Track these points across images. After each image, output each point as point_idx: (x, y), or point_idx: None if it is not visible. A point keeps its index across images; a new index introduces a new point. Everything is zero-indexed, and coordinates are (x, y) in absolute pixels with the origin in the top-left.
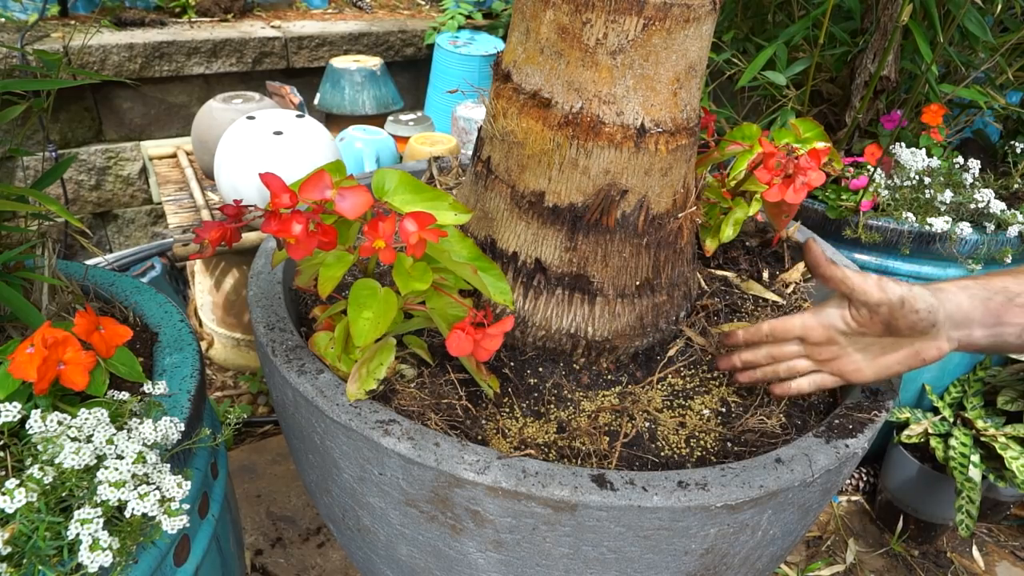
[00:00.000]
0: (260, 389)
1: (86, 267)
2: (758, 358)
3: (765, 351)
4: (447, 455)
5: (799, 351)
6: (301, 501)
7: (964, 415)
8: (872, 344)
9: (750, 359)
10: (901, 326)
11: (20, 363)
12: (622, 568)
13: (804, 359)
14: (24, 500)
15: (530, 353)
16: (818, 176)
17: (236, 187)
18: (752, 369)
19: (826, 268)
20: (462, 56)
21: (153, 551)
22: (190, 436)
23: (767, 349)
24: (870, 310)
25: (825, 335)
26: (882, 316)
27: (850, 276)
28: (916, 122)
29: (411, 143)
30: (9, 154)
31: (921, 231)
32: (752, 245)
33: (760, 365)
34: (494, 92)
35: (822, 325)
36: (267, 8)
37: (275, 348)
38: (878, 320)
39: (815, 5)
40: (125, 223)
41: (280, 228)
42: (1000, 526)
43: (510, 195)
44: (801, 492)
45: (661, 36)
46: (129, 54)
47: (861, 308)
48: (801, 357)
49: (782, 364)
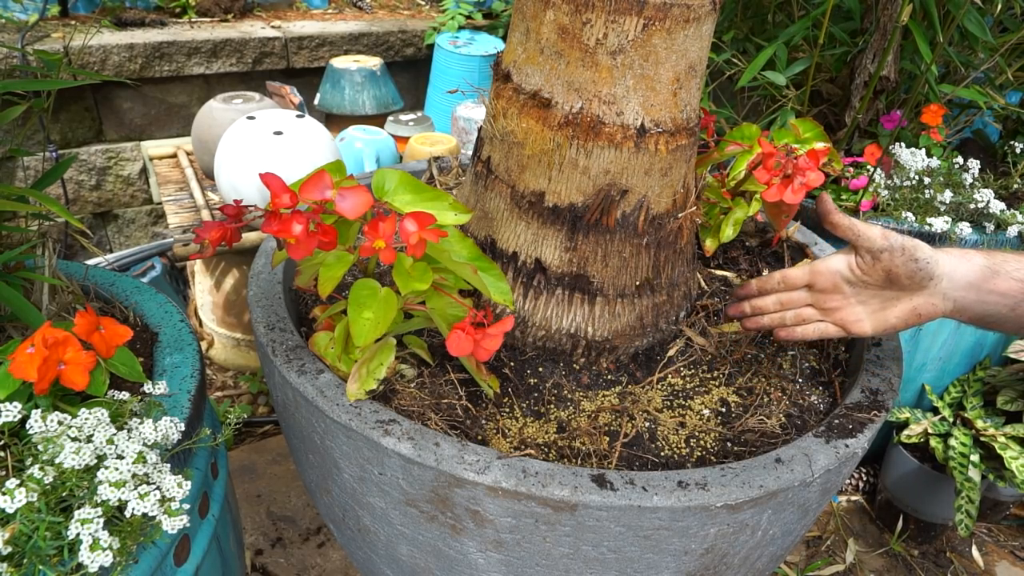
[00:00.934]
0: (260, 389)
1: (86, 267)
2: (767, 304)
3: (774, 298)
4: (447, 455)
5: (806, 298)
6: (301, 501)
7: (964, 415)
8: (874, 297)
9: (760, 305)
10: (901, 274)
11: (20, 363)
12: (622, 568)
13: (810, 307)
14: (24, 500)
15: (530, 353)
16: (817, 176)
17: (236, 187)
18: (760, 316)
19: (835, 216)
20: (462, 56)
21: (153, 551)
22: (190, 436)
23: (776, 296)
24: (873, 256)
25: (831, 281)
26: (884, 263)
27: (856, 223)
28: (916, 122)
29: (411, 143)
30: (9, 154)
31: (921, 231)
32: (752, 245)
33: (768, 312)
34: (494, 92)
35: (828, 271)
36: (267, 8)
37: (275, 348)
38: (880, 268)
39: (815, 5)
40: (125, 223)
41: (280, 228)
42: (1000, 526)
43: (510, 195)
44: (801, 492)
45: (661, 36)
46: (129, 54)
47: (865, 255)
48: (807, 306)
49: (789, 311)
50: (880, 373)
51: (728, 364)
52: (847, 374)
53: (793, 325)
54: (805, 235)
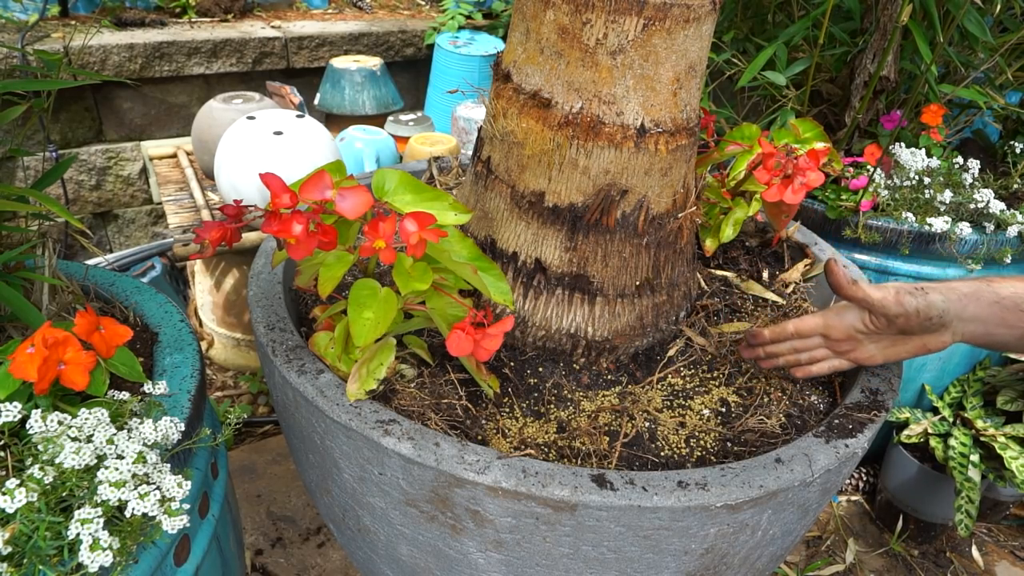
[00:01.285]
0: (260, 389)
1: (86, 267)
2: (781, 350)
3: (788, 345)
4: (447, 455)
5: (820, 344)
6: (301, 501)
7: (964, 415)
8: (884, 337)
9: (774, 351)
10: (915, 329)
11: (20, 363)
12: (622, 568)
13: (823, 349)
14: (24, 500)
15: (530, 353)
16: (817, 176)
17: (236, 187)
18: (775, 358)
19: (848, 290)
20: (462, 56)
21: (153, 551)
22: (190, 436)
23: (790, 344)
24: (888, 320)
25: (845, 334)
26: (899, 325)
27: (871, 295)
28: (916, 122)
29: (411, 143)
30: (9, 154)
31: (921, 231)
32: (752, 245)
33: (783, 355)
34: (494, 92)
35: (842, 326)
36: (267, 8)
37: (275, 348)
38: (895, 326)
39: (815, 5)
40: (125, 223)
41: (280, 228)
42: (999, 526)
43: (510, 195)
44: (801, 492)
45: (661, 36)
46: (129, 54)
47: (880, 317)
48: (820, 347)
49: (804, 354)
50: (880, 373)
51: (728, 364)
52: (847, 374)
53: (808, 364)
54: (805, 235)
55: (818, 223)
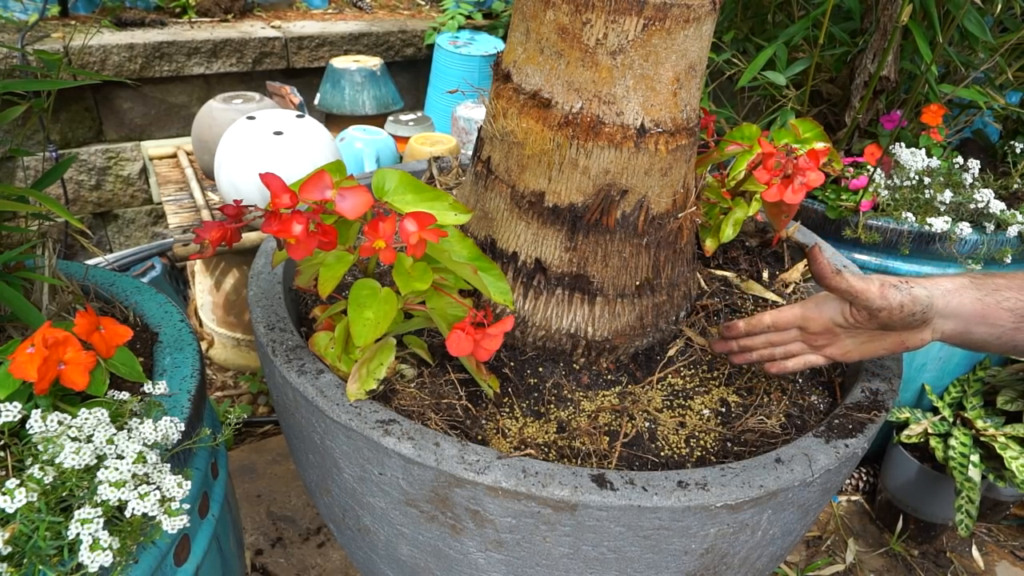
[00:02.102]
0: (260, 389)
1: (86, 267)
2: (756, 344)
3: (763, 339)
4: (447, 455)
5: (797, 337)
6: (301, 501)
7: (964, 415)
8: (863, 332)
9: (748, 344)
10: (897, 325)
11: (20, 363)
12: (622, 568)
13: (799, 343)
14: (24, 500)
15: (530, 353)
16: (817, 176)
17: (236, 187)
18: (748, 352)
19: (831, 280)
20: (462, 56)
21: (153, 551)
22: (190, 436)
23: (766, 337)
24: (871, 313)
25: (823, 326)
26: (881, 319)
27: (854, 285)
28: (916, 122)
29: (411, 143)
30: (9, 154)
31: (921, 231)
32: (752, 245)
33: (757, 349)
34: (494, 92)
35: (821, 318)
36: (267, 8)
37: (275, 348)
38: (876, 320)
39: (815, 5)
40: (125, 223)
41: (280, 228)
42: (1000, 526)
43: (510, 195)
44: (801, 492)
45: (661, 36)
46: (129, 54)
47: (862, 310)
48: (796, 341)
49: (779, 348)
50: (880, 373)
51: (728, 364)
52: (847, 374)
53: (783, 359)
54: (805, 235)
55: (818, 223)
